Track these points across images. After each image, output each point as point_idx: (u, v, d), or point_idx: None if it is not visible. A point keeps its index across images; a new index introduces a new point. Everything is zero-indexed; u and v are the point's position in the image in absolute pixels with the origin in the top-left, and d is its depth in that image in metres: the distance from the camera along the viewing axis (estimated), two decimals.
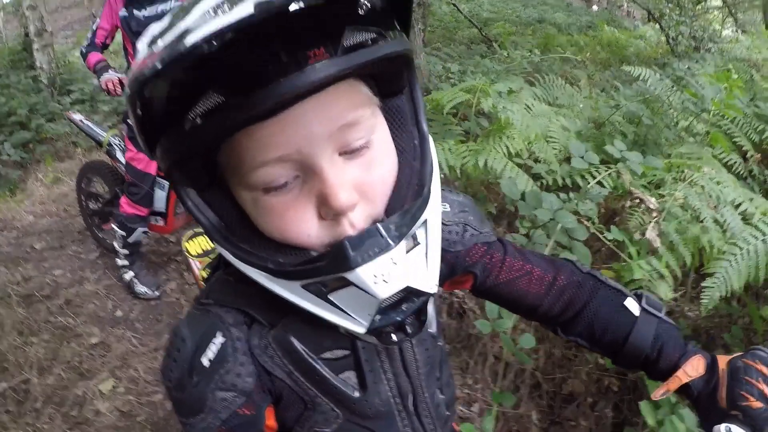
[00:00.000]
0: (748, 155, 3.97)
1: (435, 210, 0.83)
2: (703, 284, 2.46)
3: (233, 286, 0.93)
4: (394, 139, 0.85)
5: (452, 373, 1.26)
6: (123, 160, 4.32)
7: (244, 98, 0.65)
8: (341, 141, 0.75)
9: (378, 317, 0.77)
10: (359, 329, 0.78)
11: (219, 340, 0.90)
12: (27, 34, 9.32)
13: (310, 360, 0.93)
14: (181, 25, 0.61)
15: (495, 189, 3.46)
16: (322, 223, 0.76)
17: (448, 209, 1.15)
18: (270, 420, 0.97)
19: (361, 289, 0.74)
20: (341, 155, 0.76)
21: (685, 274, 2.62)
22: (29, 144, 8.20)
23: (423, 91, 5.72)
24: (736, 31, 17.03)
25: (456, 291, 3.54)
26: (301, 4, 0.58)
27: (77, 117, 4.93)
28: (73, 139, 8.32)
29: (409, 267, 0.77)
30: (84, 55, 4.32)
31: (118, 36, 4.24)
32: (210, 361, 0.89)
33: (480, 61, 6.69)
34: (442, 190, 1.07)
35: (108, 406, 3.39)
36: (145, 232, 4.37)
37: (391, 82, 0.84)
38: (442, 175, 3.12)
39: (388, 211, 0.81)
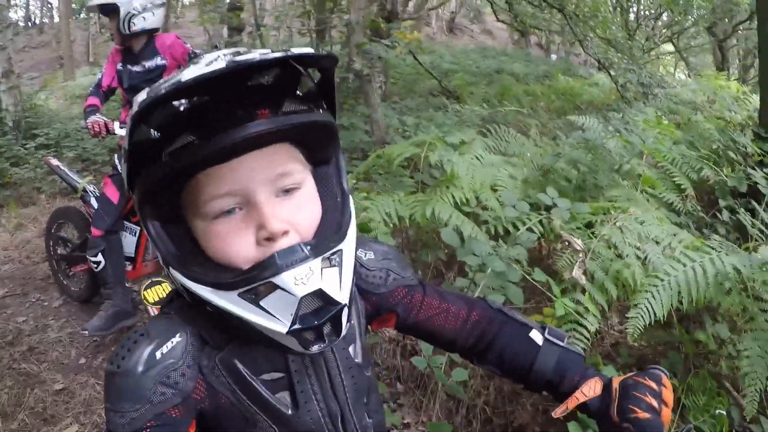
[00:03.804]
0: (686, 193, 4.23)
1: (350, 246, 1.03)
2: (627, 315, 2.66)
3: (189, 309, 1.06)
4: (321, 196, 1.09)
5: (381, 401, 1.41)
6: (96, 206, 4.46)
7: (209, 139, 0.88)
8: (277, 185, 0.98)
9: (298, 320, 0.94)
10: (282, 329, 0.94)
11: (177, 339, 1.03)
12: None
13: (251, 380, 1.07)
14: (179, 76, 0.85)
15: None
16: (258, 248, 0.96)
17: (373, 257, 1.34)
18: None
19: (284, 290, 0.92)
20: (277, 197, 0.99)
21: (628, 309, 2.80)
22: None
23: (380, 143, 5.89)
24: (689, 75, 17.51)
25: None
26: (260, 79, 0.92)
27: (54, 162, 5.13)
28: (36, 185, 8.23)
29: (324, 278, 0.96)
30: (87, 95, 4.60)
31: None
32: (162, 354, 1.01)
33: (434, 114, 6.90)
34: (371, 241, 1.38)
35: None
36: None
37: (319, 151, 1.10)
38: (393, 225, 3.31)
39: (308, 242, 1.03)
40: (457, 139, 4.11)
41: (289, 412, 1.11)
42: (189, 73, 0.83)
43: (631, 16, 18.37)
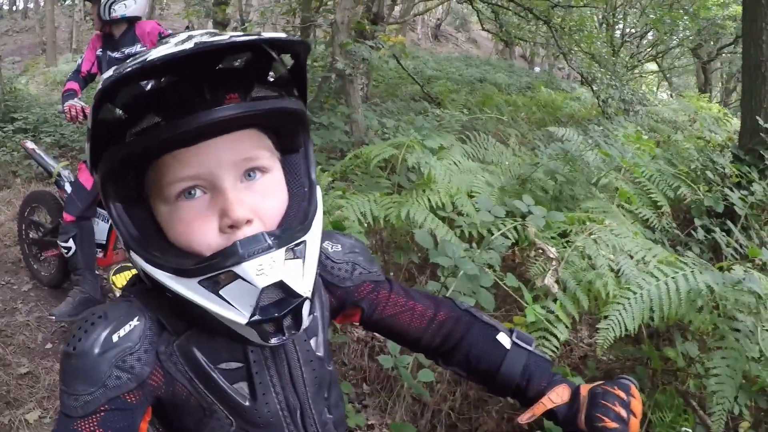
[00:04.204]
0: (662, 210, 4.26)
1: (314, 237, 1.02)
2: (597, 326, 2.67)
3: (149, 294, 1.04)
4: (288, 184, 1.08)
5: (342, 395, 1.40)
6: (69, 191, 4.42)
7: (174, 121, 0.87)
8: (243, 169, 0.97)
9: (258, 311, 0.93)
10: (241, 320, 0.92)
11: (135, 323, 1.00)
12: None
13: (209, 369, 1.05)
14: (147, 55, 0.84)
15: None
16: (221, 236, 0.95)
17: (339, 249, 1.32)
18: (144, 424, 1.04)
19: (245, 280, 0.91)
20: (242, 183, 0.98)
21: (598, 321, 2.81)
22: None
23: (359, 144, 5.90)
24: (671, 94, 17.70)
25: (376, 335, 3.69)
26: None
27: (30, 146, 5.07)
28: (12, 168, 8.15)
29: (287, 269, 0.94)
30: (66, 81, 4.58)
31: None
32: (119, 337, 0.98)
33: (414, 117, 6.92)
34: (339, 234, 1.35)
35: None
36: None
37: (288, 138, 1.08)
38: (367, 224, 3.30)
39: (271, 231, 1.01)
40: (436, 143, 4.11)
41: (247, 403, 1.10)
42: (157, 53, 0.82)
43: (617, 33, 18.51)
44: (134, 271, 1.10)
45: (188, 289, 0.93)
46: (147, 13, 4.55)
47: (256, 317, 0.93)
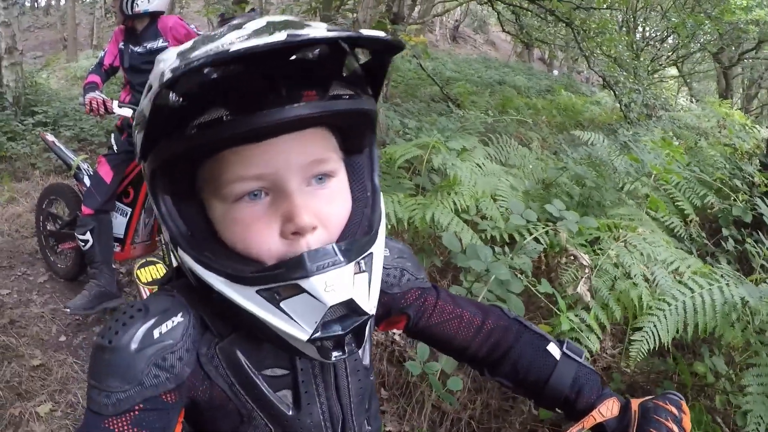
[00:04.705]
0: (689, 219, 4.17)
1: (379, 248, 0.95)
2: (631, 337, 2.59)
3: (193, 291, 0.97)
4: (351, 188, 1.00)
5: (379, 408, 1.34)
6: (88, 185, 4.40)
7: (245, 117, 0.79)
8: (311, 172, 0.90)
9: (321, 328, 0.86)
10: (303, 336, 0.86)
11: (178, 319, 0.95)
12: None
13: (252, 374, 0.99)
14: (221, 42, 0.77)
15: (441, 243, 3.59)
16: (282, 241, 0.88)
17: (388, 254, 1.25)
18: (179, 426, 0.98)
19: (311, 296, 0.84)
20: (308, 186, 0.90)
21: (622, 332, 2.73)
22: None
23: (380, 143, 5.85)
24: (691, 100, 17.55)
25: (397, 339, 3.64)
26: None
27: (50, 138, 5.06)
28: (32, 161, 8.19)
29: (355, 286, 0.88)
30: (88, 73, 4.54)
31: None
32: (161, 333, 0.92)
33: (437, 118, 6.86)
34: (387, 238, 1.24)
35: (44, 429, 3.35)
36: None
37: (355, 139, 1.00)
38: (390, 226, 3.24)
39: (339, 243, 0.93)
40: (459, 145, 4.05)
41: (290, 412, 1.04)
42: (238, 42, 0.73)
43: (638, 36, 18.36)
44: (159, 267, 1.02)
45: (244, 297, 0.87)
46: (169, 10, 4.49)
47: (318, 334, 0.87)
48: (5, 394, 3.60)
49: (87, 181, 4.53)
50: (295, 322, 0.86)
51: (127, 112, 4.07)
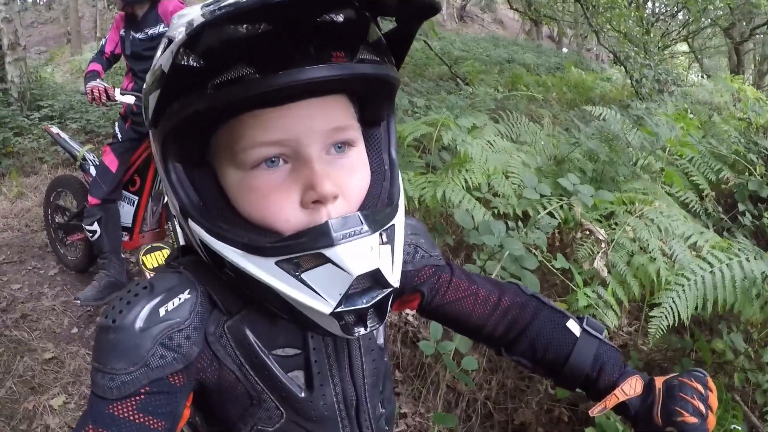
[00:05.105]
0: (704, 194, 4.09)
1: (400, 221, 0.92)
2: (650, 314, 2.53)
3: (201, 267, 0.94)
4: (369, 161, 0.95)
5: (393, 389, 1.29)
6: (94, 174, 4.39)
7: (271, 75, 0.74)
8: (332, 139, 0.86)
9: (345, 300, 0.82)
10: (326, 309, 0.81)
11: (186, 296, 0.90)
12: (0, 47, 9.16)
13: (262, 354, 0.95)
14: None
15: (453, 221, 3.54)
16: (302, 211, 0.83)
17: None
18: (187, 410, 0.94)
19: (336, 266, 0.80)
20: (328, 155, 0.86)
21: (638, 309, 2.68)
22: None
23: None
24: (702, 76, 17.36)
25: (410, 320, 3.59)
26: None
27: (55, 130, 5.06)
28: (39, 155, 8.21)
29: (381, 256, 0.84)
30: (89, 62, 4.50)
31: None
32: (167, 311, 0.88)
33: (446, 97, 6.79)
34: None
35: (58, 422, 3.34)
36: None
37: (374, 109, 0.96)
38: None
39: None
40: (469, 122, 3.99)
41: (302, 394, 1.00)
42: None
43: (647, 11, 18.14)
44: (165, 252, 0.96)
45: (262, 269, 0.82)
46: None
47: (342, 307, 0.82)
48: (19, 388, 3.60)
49: (93, 171, 4.52)
50: (317, 295, 0.82)
51: (129, 99, 4.04)
